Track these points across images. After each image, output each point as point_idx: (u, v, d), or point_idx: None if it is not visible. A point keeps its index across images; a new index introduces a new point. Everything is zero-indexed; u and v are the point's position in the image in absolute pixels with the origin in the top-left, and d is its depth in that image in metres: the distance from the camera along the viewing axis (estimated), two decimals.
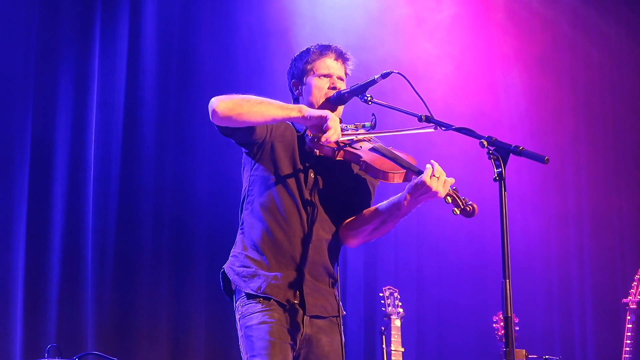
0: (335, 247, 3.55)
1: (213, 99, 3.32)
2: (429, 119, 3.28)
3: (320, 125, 3.29)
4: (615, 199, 7.67)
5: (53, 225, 5.75)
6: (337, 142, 3.34)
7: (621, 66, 7.90)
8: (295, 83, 3.64)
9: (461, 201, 3.28)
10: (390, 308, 5.96)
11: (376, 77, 3.42)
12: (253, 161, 3.51)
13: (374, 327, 6.93)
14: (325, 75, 3.56)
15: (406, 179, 3.35)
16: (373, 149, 3.41)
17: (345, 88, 3.53)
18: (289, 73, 3.68)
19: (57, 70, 5.88)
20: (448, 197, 3.29)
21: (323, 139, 3.26)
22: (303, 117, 3.31)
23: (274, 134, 3.47)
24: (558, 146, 7.76)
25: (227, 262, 3.52)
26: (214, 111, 3.30)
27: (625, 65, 7.90)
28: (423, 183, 3.27)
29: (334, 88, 3.54)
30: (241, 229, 3.54)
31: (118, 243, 6.05)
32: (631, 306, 5.90)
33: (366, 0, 7.23)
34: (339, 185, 3.55)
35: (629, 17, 7.97)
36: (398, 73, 3.40)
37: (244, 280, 3.42)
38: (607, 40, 7.94)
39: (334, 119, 3.28)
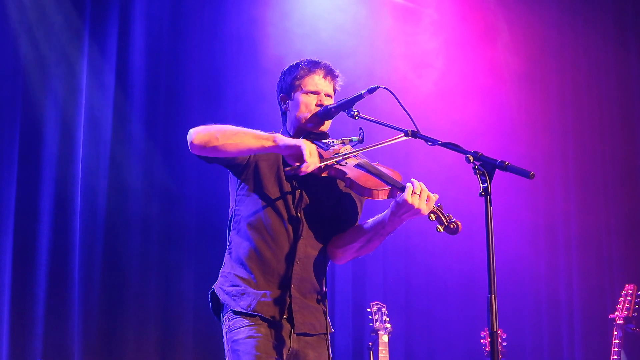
0: (322, 264, 3.55)
1: (190, 131, 3.35)
2: (415, 134, 3.29)
3: (296, 155, 3.27)
4: (604, 214, 7.68)
5: (40, 240, 5.73)
6: (321, 158, 3.33)
7: (609, 78, 7.93)
8: (283, 97, 3.64)
9: (445, 218, 3.26)
10: (377, 323, 5.96)
11: (363, 92, 3.42)
12: (239, 180, 3.53)
13: (362, 342, 6.92)
14: (313, 92, 3.56)
15: (391, 195, 3.34)
16: (358, 165, 3.40)
17: (332, 103, 3.52)
18: (277, 86, 3.68)
19: (45, 87, 5.86)
20: (432, 215, 3.27)
21: (303, 169, 3.23)
22: (278, 147, 3.32)
23: (257, 154, 3.48)
24: (546, 161, 7.78)
25: (217, 282, 3.52)
26: (191, 143, 3.34)
27: (613, 78, 7.92)
28: (405, 201, 3.26)
29: (320, 105, 3.54)
30: (229, 248, 3.55)
31: (105, 258, 6.03)
32: (618, 322, 5.90)
33: (351, 17, 7.25)
34: (326, 201, 3.55)
35: (616, 29, 8.00)
36: (385, 88, 3.40)
37: (234, 299, 3.42)
38: (595, 52, 7.97)
39: (308, 148, 3.26)
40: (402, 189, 3.29)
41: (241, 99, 6.61)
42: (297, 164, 3.26)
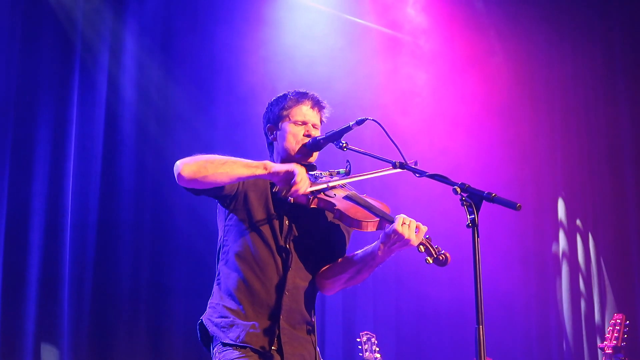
0: (312, 294, 3.55)
1: (177, 163, 3.33)
2: (403, 166, 3.31)
3: (288, 180, 3.29)
4: (592, 244, 7.71)
5: (29, 271, 5.71)
6: (313, 191, 3.35)
7: (597, 111, 7.98)
8: (271, 128, 3.65)
9: (434, 250, 3.26)
10: (367, 353, 5.94)
11: (351, 123, 3.45)
12: (227, 211, 3.53)
13: None
14: (300, 122, 3.58)
15: (380, 227, 3.36)
16: (347, 197, 3.42)
17: (320, 135, 3.54)
18: (264, 117, 3.70)
19: (36, 118, 5.87)
20: (421, 246, 3.28)
21: (292, 192, 3.27)
22: (270, 173, 3.32)
23: (246, 184, 3.48)
24: (535, 190, 7.82)
25: (205, 313, 3.52)
26: (179, 175, 3.31)
27: (601, 109, 7.98)
28: (395, 231, 3.28)
29: (308, 136, 3.55)
30: (217, 279, 3.54)
31: (95, 292, 6.00)
32: (607, 351, 5.92)
33: (344, 53, 7.32)
34: (314, 232, 3.56)
35: (604, 60, 8.06)
36: (373, 120, 3.42)
37: (223, 331, 3.41)
38: (582, 83, 8.04)
39: (300, 172, 3.29)
40: (391, 220, 3.30)
41: (233, 131, 6.64)
42: (285, 188, 3.28)
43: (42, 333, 5.69)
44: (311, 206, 3.39)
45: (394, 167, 3.31)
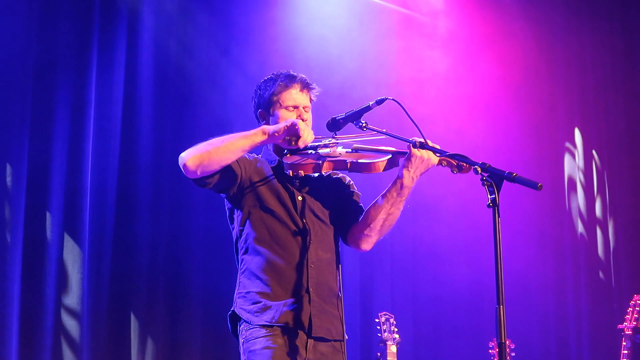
0: (335, 265, 3.60)
1: (181, 156, 3.38)
2: (423, 145, 3.31)
3: (290, 135, 3.36)
4: (612, 225, 7.69)
5: (49, 251, 5.70)
6: (318, 158, 3.42)
7: (616, 91, 7.94)
8: (262, 113, 3.69)
9: (454, 161, 3.32)
10: (386, 334, 5.95)
11: (371, 103, 3.45)
12: (237, 202, 3.56)
13: (370, 353, 6.92)
14: (292, 107, 3.61)
15: (394, 163, 3.43)
16: (353, 150, 3.49)
17: (340, 114, 3.54)
18: (254, 102, 3.74)
19: (54, 98, 5.87)
20: (443, 162, 3.35)
21: (300, 144, 3.35)
22: (271, 135, 3.38)
23: (249, 171, 3.53)
24: (552, 171, 7.80)
25: (235, 304, 3.54)
26: (185, 167, 3.36)
27: (620, 94, 7.94)
28: (414, 155, 3.35)
29: (302, 120, 3.58)
30: (241, 270, 3.57)
31: (113, 268, 6.00)
32: (627, 332, 5.90)
33: (356, 34, 7.29)
34: (328, 201, 3.62)
35: (623, 43, 8.01)
36: (393, 100, 3.42)
37: (257, 315, 3.45)
38: (601, 66, 7.99)
39: (299, 122, 3.37)
40: (401, 153, 3.39)
41: (249, 112, 6.62)
42: (293, 141, 3.36)
43: (62, 309, 5.71)
44: (323, 171, 3.46)
45: (414, 146, 3.32)
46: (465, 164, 3.26)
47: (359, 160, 3.42)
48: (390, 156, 3.43)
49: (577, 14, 8.01)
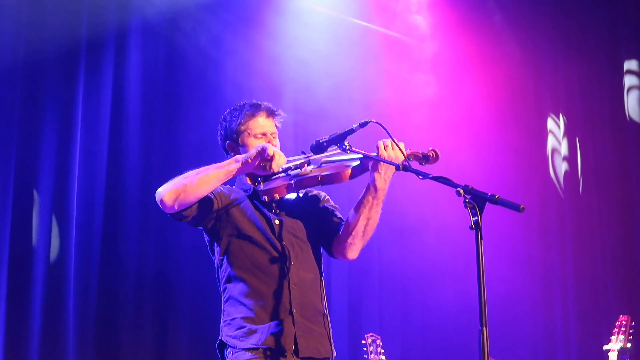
0: (318, 284, 3.63)
1: (157, 193, 3.42)
2: (406, 168, 3.33)
3: (263, 160, 3.41)
4: (599, 245, 7.71)
5: (35, 273, 5.71)
6: (291, 178, 3.48)
7: (602, 108, 7.98)
8: (231, 145, 3.73)
9: (421, 154, 3.46)
10: (372, 355, 5.95)
11: (354, 126, 3.47)
12: (215, 234, 3.60)
13: None
14: (260, 135, 3.67)
15: (364, 168, 3.51)
16: (321, 164, 3.57)
17: (324, 137, 3.56)
18: (220, 134, 3.78)
19: (41, 118, 5.88)
20: (410, 157, 3.45)
21: (275, 167, 3.41)
22: (244, 163, 3.44)
23: (224, 202, 3.57)
24: (540, 191, 7.82)
25: (221, 334, 3.57)
26: (162, 202, 3.40)
27: (607, 110, 7.97)
28: (381, 157, 3.42)
29: None
30: (224, 298, 3.61)
31: (100, 290, 6.01)
32: (612, 352, 5.91)
33: (344, 56, 7.33)
34: (306, 219, 3.66)
35: (611, 58, 8.05)
36: (376, 122, 3.44)
37: (242, 340, 3.47)
38: (587, 82, 8.03)
39: (270, 146, 3.43)
40: (368, 157, 3.45)
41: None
42: (268, 166, 3.42)
43: (49, 326, 5.71)
44: (297, 191, 3.54)
45: (397, 169, 3.34)
46: (432, 154, 3.43)
47: (331, 172, 3.48)
48: (358, 162, 3.50)
49: (564, 35, 8.06)
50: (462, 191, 2.99)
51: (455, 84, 7.77)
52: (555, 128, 7.98)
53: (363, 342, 6.07)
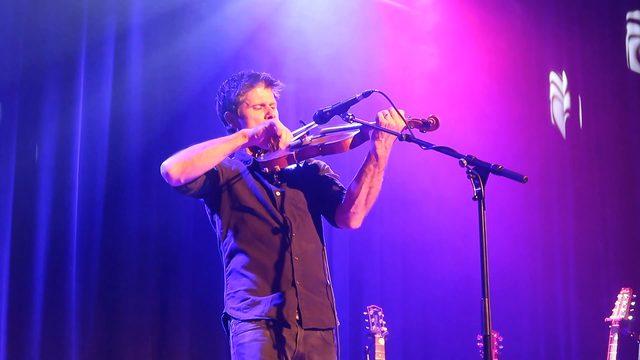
0: (320, 254, 3.62)
1: (162, 167, 3.41)
2: (409, 138, 3.29)
3: (270, 135, 3.38)
4: (600, 217, 7.70)
5: (37, 237, 5.71)
6: (292, 149, 3.45)
7: (605, 86, 7.94)
8: (229, 115, 3.70)
9: (421, 121, 3.45)
10: (374, 327, 5.96)
11: (357, 96, 3.45)
12: (216, 206, 3.59)
13: (358, 346, 6.92)
14: (259, 106, 3.65)
15: (364, 137, 3.48)
16: (321, 135, 3.55)
17: (327, 107, 3.53)
18: (218, 105, 3.75)
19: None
20: (410, 124, 3.43)
21: (281, 146, 3.38)
22: (251, 138, 3.41)
23: (226, 175, 3.56)
24: (541, 163, 7.80)
25: (225, 306, 3.56)
26: (167, 175, 3.39)
27: (608, 86, 7.94)
28: (382, 123, 3.41)
29: (270, 117, 3.62)
30: (227, 270, 3.60)
31: (103, 254, 6.01)
32: (614, 325, 5.92)
33: (345, 26, 7.26)
34: (307, 190, 3.65)
35: (612, 37, 8.01)
36: (379, 92, 3.41)
37: (246, 312, 3.46)
38: (591, 56, 7.99)
39: (278, 122, 3.41)
40: (368, 126, 3.43)
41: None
42: (275, 144, 3.39)
43: (51, 304, 5.70)
44: (298, 161, 3.50)
45: (400, 139, 3.31)
46: (432, 120, 3.42)
47: (331, 141, 3.46)
48: (358, 131, 3.47)
49: (567, 8, 8.00)
50: (465, 161, 2.96)
51: (457, 55, 7.72)
52: (558, 93, 7.94)
53: (365, 313, 6.07)
